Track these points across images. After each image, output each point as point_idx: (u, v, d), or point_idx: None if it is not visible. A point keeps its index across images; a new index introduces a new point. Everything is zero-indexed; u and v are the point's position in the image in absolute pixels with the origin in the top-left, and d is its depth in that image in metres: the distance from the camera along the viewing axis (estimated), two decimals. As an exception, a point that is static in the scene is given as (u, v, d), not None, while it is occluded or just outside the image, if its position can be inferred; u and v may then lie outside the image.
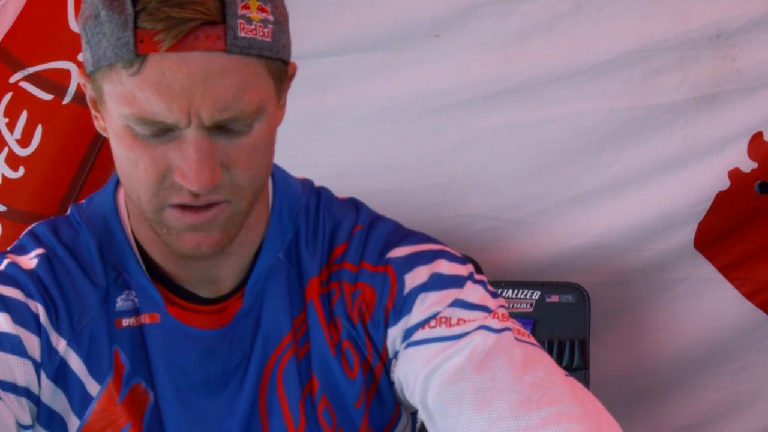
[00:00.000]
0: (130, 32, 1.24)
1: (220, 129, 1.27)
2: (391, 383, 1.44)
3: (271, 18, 1.28)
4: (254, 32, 1.26)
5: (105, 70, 1.27)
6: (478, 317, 1.39)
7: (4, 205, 2.60)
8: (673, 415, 2.87)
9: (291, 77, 1.36)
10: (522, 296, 2.71)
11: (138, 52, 1.24)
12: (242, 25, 1.25)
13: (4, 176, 2.60)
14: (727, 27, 2.61)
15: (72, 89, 2.58)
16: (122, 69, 1.25)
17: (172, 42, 1.23)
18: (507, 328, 1.39)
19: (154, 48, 1.23)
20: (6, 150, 2.59)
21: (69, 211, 1.46)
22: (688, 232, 2.74)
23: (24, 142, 2.60)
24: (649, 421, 2.85)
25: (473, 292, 1.41)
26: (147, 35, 1.23)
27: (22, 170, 2.61)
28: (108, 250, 1.42)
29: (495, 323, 1.38)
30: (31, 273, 1.38)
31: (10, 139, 2.59)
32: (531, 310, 2.70)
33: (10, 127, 2.60)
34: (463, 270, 1.43)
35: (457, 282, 1.42)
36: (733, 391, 2.84)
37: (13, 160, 2.60)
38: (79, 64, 2.51)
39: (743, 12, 2.60)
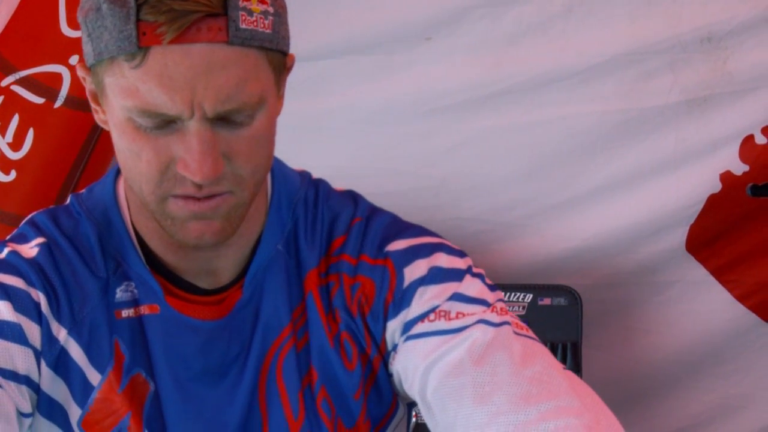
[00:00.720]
0: (133, 25, 1.24)
1: (222, 120, 1.28)
2: (390, 375, 1.44)
3: (271, 10, 1.29)
4: (255, 24, 1.27)
5: (106, 63, 1.28)
6: (477, 311, 1.39)
7: (-4, 208, 2.60)
8: (666, 418, 2.86)
9: (289, 69, 1.37)
10: (514, 299, 2.71)
11: (140, 44, 1.24)
12: (243, 17, 1.26)
13: (-5, 180, 2.60)
14: (718, 30, 2.61)
15: (63, 93, 2.57)
16: (124, 62, 1.26)
17: (175, 34, 1.23)
18: (506, 322, 1.39)
19: (156, 40, 1.24)
20: (-3, 153, 2.59)
21: (68, 201, 1.46)
22: (680, 235, 2.74)
23: (16, 145, 2.59)
24: (642, 424, 2.85)
25: (472, 286, 1.42)
26: (149, 28, 1.24)
27: (13, 174, 2.60)
28: (107, 240, 1.42)
29: (494, 317, 1.39)
30: (32, 262, 1.39)
31: (2, 143, 2.59)
32: (523, 312, 2.70)
33: (2, 130, 2.59)
34: (462, 263, 1.44)
35: (456, 275, 1.42)
36: (725, 393, 2.84)
37: (4, 164, 2.60)
38: (71, 68, 2.52)
39: (734, 15, 2.61)
